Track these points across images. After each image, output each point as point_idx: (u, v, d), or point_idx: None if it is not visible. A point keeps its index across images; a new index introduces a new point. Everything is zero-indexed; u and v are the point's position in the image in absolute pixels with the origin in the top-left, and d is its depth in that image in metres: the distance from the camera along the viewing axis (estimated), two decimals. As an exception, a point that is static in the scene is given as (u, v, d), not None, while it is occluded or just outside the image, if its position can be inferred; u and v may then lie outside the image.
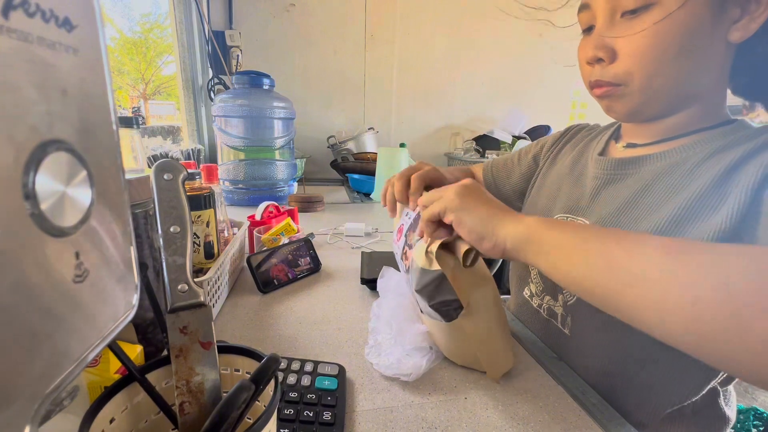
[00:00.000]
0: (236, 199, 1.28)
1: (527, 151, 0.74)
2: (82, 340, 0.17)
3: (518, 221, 0.38)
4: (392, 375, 0.45)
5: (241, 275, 0.73)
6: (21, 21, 0.13)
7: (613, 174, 0.51)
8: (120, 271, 0.20)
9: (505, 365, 0.46)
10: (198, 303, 0.27)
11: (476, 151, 1.78)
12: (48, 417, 0.29)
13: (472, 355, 0.46)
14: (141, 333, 0.41)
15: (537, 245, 0.36)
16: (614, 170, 0.51)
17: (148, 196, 0.41)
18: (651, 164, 0.48)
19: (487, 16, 1.86)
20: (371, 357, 0.48)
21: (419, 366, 0.45)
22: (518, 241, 0.37)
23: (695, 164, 0.43)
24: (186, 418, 0.27)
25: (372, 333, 0.52)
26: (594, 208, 0.51)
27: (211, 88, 1.64)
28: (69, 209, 0.16)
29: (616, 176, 0.51)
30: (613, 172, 0.51)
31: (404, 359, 0.46)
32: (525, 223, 0.37)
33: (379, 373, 0.46)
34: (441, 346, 0.49)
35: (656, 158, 0.47)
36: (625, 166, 0.50)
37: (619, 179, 0.50)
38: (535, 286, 0.59)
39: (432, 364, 0.48)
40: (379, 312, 0.55)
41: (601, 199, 0.51)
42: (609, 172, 0.52)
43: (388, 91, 1.90)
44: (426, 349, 0.49)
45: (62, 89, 0.15)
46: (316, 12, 1.73)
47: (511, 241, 0.37)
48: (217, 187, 1.19)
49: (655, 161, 0.48)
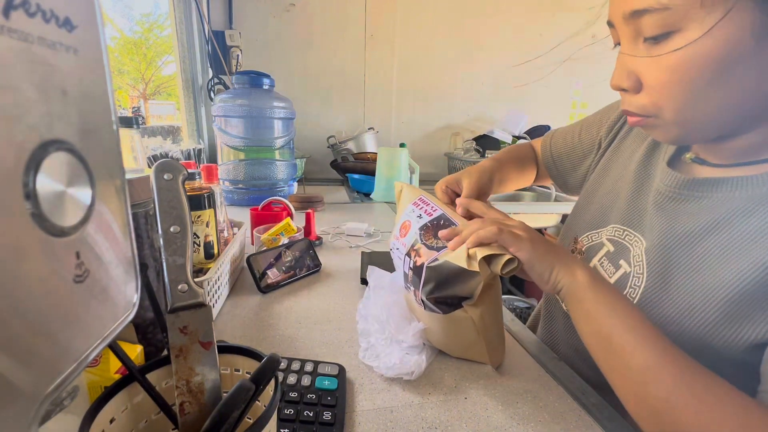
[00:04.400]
0: (236, 199, 1.28)
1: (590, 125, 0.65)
2: (83, 340, 0.17)
3: (572, 274, 0.41)
4: (394, 375, 0.45)
5: (241, 275, 0.73)
6: (21, 21, 0.13)
7: (681, 194, 0.45)
8: (120, 271, 0.20)
9: (502, 354, 0.50)
10: (198, 303, 0.27)
11: (476, 151, 1.78)
12: (48, 417, 0.29)
13: (472, 346, 0.48)
14: (141, 333, 0.41)
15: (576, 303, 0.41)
16: (683, 190, 0.45)
17: (148, 196, 0.41)
18: (728, 190, 0.41)
19: (487, 16, 1.86)
20: (368, 360, 0.48)
21: (420, 364, 0.46)
22: (565, 293, 0.42)
23: None
24: (186, 418, 0.27)
25: (362, 335, 0.52)
26: (653, 228, 0.46)
27: (211, 88, 1.64)
28: (69, 209, 0.16)
29: (685, 196, 0.44)
30: (681, 192, 0.45)
31: (405, 358, 0.46)
32: (576, 277, 0.41)
33: (376, 372, 0.46)
34: (438, 340, 0.50)
35: (734, 184, 0.40)
36: (698, 187, 0.43)
37: (688, 200, 0.44)
38: None
39: (430, 360, 0.49)
40: (365, 313, 0.54)
41: (663, 219, 0.45)
42: (676, 191, 0.45)
43: (388, 91, 1.90)
44: (421, 346, 0.49)
45: (62, 89, 0.15)
46: (316, 12, 1.73)
47: (563, 291, 0.42)
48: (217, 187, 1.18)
49: (733, 187, 0.40)
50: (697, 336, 0.38)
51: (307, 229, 0.89)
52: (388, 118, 1.94)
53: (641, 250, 0.46)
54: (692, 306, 0.39)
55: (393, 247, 0.54)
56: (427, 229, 0.49)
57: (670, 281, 0.42)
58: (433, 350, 0.50)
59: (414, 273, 0.47)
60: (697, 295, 0.39)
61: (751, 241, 0.37)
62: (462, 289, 0.44)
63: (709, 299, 0.38)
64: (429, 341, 0.51)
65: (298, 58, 1.77)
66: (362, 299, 0.58)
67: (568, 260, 0.42)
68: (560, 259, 0.42)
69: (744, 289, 0.36)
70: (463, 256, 0.42)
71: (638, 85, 0.39)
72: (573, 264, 0.42)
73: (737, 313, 0.36)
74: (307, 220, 0.89)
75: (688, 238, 0.42)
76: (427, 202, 0.52)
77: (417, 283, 0.46)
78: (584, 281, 0.40)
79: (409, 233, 0.51)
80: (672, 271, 0.42)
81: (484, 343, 0.47)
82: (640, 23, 0.36)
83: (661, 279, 0.43)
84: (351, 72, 1.84)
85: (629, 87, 0.40)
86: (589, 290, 0.39)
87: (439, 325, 0.48)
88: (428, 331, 0.50)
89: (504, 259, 0.41)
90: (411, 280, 0.48)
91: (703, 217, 0.41)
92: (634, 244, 0.48)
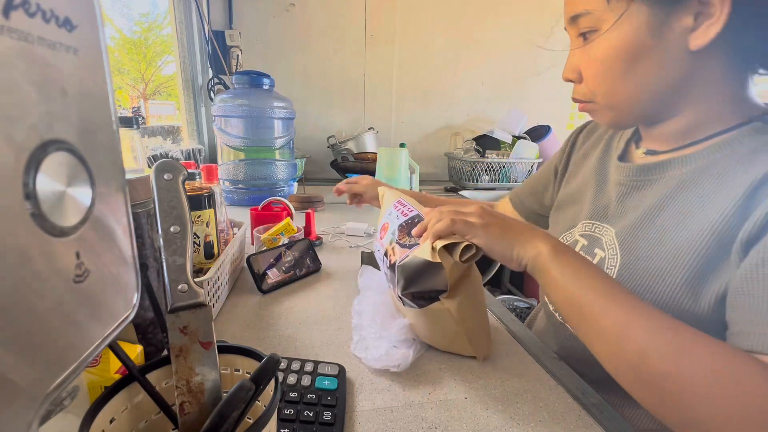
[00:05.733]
0: (236, 199, 1.28)
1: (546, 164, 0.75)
2: (83, 340, 0.17)
3: (534, 247, 0.42)
4: (381, 367, 0.46)
5: (241, 275, 0.73)
6: (21, 21, 0.13)
7: (637, 180, 0.51)
8: (120, 271, 0.20)
9: (488, 346, 0.51)
10: (198, 303, 0.27)
11: (476, 151, 1.78)
12: (48, 417, 0.29)
13: (456, 339, 0.49)
14: (141, 333, 0.41)
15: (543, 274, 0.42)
16: (638, 177, 0.51)
17: (148, 196, 0.41)
18: (674, 169, 0.47)
19: (487, 16, 1.86)
20: (358, 351, 0.49)
21: (407, 356, 0.47)
22: (531, 267, 0.43)
23: (723, 169, 0.42)
24: (186, 418, 0.27)
25: (355, 329, 0.53)
26: (619, 215, 0.51)
27: (211, 88, 1.64)
28: (69, 209, 0.16)
29: (641, 183, 0.50)
30: (636, 179, 0.51)
31: (392, 351, 0.47)
32: (539, 250, 0.42)
33: (377, 372, 0.46)
34: (424, 335, 0.51)
35: (680, 162, 0.46)
36: (649, 172, 0.49)
37: (644, 185, 0.50)
38: None
39: (418, 354, 0.50)
40: (360, 308, 0.56)
41: (627, 206, 0.51)
42: (633, 179, 0.51)
43: (388, 91, 1.90)
44: (410, 340, 0.50)
45: (62, 89, 0.15)
46: (316, 12, 1.73)
47: (529, 266, 0.43)
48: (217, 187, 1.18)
49: (679, 165, 0.46)
50: (670, 299, 0.41)
51: (307, 229, 0.89)
52: (388, 118, 1.94)
53: (612, 235, 0.50)
54: (663, 270, 0.42)
55: (375, 249, 0.57)
56: (402, 228, 0.51)
57: (640, 254, 0.45)
58: (422, 345, 0.52)
59: (390, 271, 0.49)
60: (665, 258, 0.43)
61: (699, 205, 0.42)
62: (435, 282, 0.46)
63: (676, 262, 0.42)
64: (418, 336, 0.52)
65: (298, 58, 1.77)
66: (357, 296, 0.60)
67: (528, 235, 0.43)
68: (519, 236, 0.43)
69: (702, 248, 0.40)
70: (427, 250, 0.44)
71: (580, 76, 0.49)
72: (533, 238, 0.43)
73: (701, 272, 0.40)
74: (307, 220, 0.89)
75: (650, 212, 0.47)
76: (404, 204, 0.55)
77: (393, 280, 0.49)
78: (547, 252, 0.41)
79: (387, 234, 0.53)
80: (641, 244, 0.46)
81: (464, 333, 0.48)
82: (578, 25, 0.46)
83: (633, 254, 0.46)
84: (351, 72, 1.84)
85: (574, 78, 0.49)
86: (554, 260, 0.41)
87: (420, 319, 0.49)
88: (414, 327, 0.51)
89: (461, 246, 0.43)
90: (390, 278, 0.51)
91: (659, 192, 0.47)
92: (604, 233, 0.52)
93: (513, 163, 1.70)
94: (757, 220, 0.36)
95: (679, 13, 0.40)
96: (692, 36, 0.40)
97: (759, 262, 0.34)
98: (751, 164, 0.39)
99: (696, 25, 0.39)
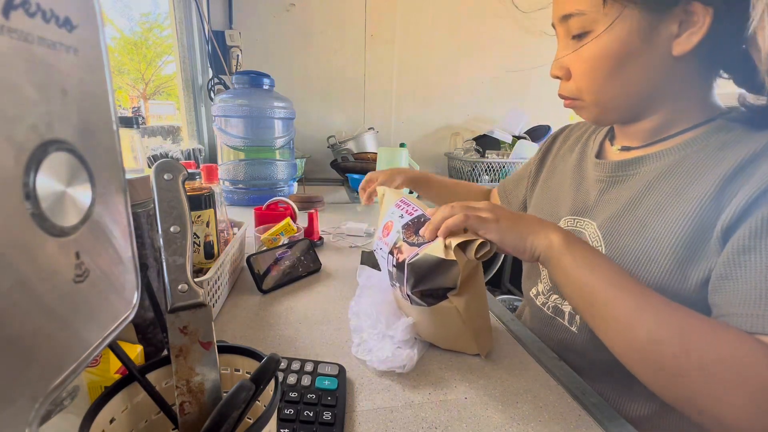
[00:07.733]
0: (236, 199, 1.28)
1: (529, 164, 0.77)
2: (83, 340, 0.17)
3: (546, 238, 0.43)
4: (387, 369, 0.46)
5: (241, 275, 0.73)
6: (21, 21, 0.13)
7: (615, 176, 0.53)
8: (120, 271, 0.20)
9: (490, 342, 0.52)
10: (198, 303, 0.27)
11: (476, 151, 1.78)
12: (48, 417, 0.29)
13: (460, 336, 0.49)
14: (141, 333, 0.41)
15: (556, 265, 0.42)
16: (615, 172, 0.53)
17: (148, 196, 0.41)
18: (650, 163, 0.50)
19: (487, 16, 1.86)
20: (361, 354, 0.49)
21: (412, 357, 0.47)
22: (544, 258, 0.43)
23: (696, 163, 0.45)
24: (186, 418, 0.27)
25: (355, 331, 0.53)
26: (600, 209, 0.53)
27: (211, 88, 1.64)
28: (69, 209, 0.16)
29: (619, 178, 0.53)
30: (614, 174, 0.53)
31: (397, 352, 0.47)
32: (551, 241, 0.43)
33: (377, 372, 0.46)
34: (428, 333, 0.51)
35: (654, 158, 0.49)
36: (625, 167, 0.52)
37: (622, 180, 0.52)
38: (543, 285, 0.61)
39: (421, 354, 0.50)
40: (357, 309, 0.56)
41: (606, 200, 0.53)
42: (610, 175, 0.54)
43: (388, 91, 1.90)
44: (413, 340, 0.50)
45: (62, 89, 0.15)
46: (316, 12, 1.73)
47: (542, 257, 0.44)
48: (217, 187, 1.18)
49: (653, 160, 0.49)
50: (656, 285, 0.43)
51: (310, 229, 0.89)
52: (388, 118, 1.94)
53: (594, 228, 0.52)
54: (648, 257, 0.45)
55: (376, 248, 0.56)
56: (408, 227, 0.51)
57: (624, 243, 0.47)
58: (424, 344, 0.52)
59: (398, 269, 0.49)
60: (649, 245, 0.45)
61: (676, 195, 0.45)
62: (445, 280, 0.46)
63: (660, 248, 0.44)
64: (419, 335, 0.52)
65: (298, 58, 1.77)
66: (354, 298, 0.59)
67: (539, 227, 0.44)
68: (531, 228, 0.44)
69: (683, 236, 0.42)
70: (440, 247, 0.44)
71: (568, 74, 0.50)
72: (545, 229, 0.44)
73: (684, 257, 0.42)
74: (310, 220, 0.89)
75: (630, 204, 0.49)
76: (407, 203, 0.55)
77: (401, 278, 0.48)
78: (559, 243, 0.42)
79: (391, 233, 0.53)
80: (624, 233, 0.48)
81: (470, 331, 0.48)
82: (569, 24, 0.47)
83: (616, 244, 0.48)
84: (351, 72, 1.84)
85: (561, 75, 0.52)
86: (566, 251, 0.42)
87: (426, 317, 0.49)
88: (417, 325, 0.51)
89: (476, 243, 0.43)
90: (396, 277, 0.50)
91: (637, 185, 0.50)
92: (586, 227, 0.54)
93: (513, 163, 1.70)
94: (734, 211, 0.38)
95: (667, 20, 0.42)
96: (676, 42, 0.43)
97: (740, 249, 0.37)
98: (721, 159, 0.42)
99: (680, 33, 0.42)
